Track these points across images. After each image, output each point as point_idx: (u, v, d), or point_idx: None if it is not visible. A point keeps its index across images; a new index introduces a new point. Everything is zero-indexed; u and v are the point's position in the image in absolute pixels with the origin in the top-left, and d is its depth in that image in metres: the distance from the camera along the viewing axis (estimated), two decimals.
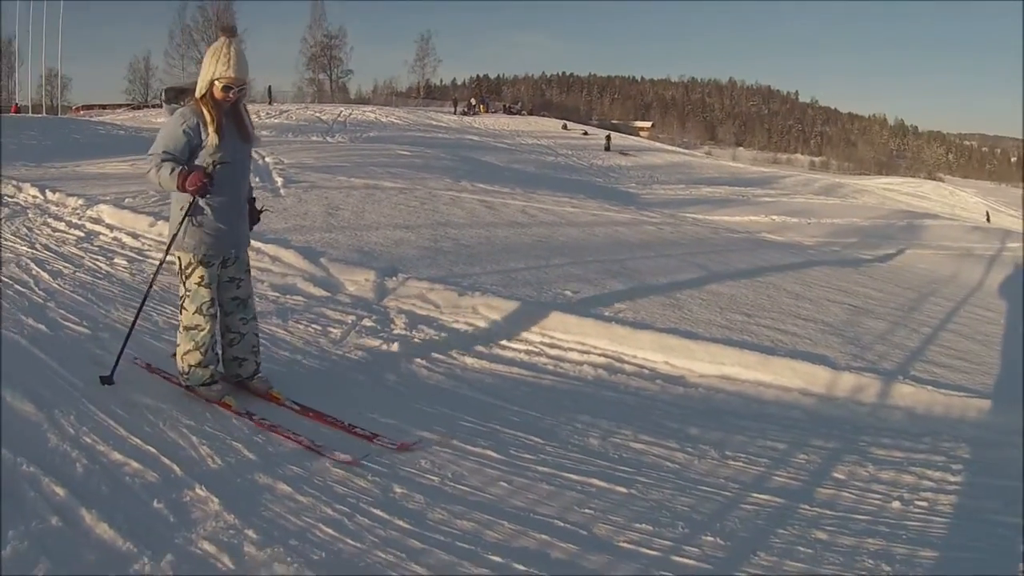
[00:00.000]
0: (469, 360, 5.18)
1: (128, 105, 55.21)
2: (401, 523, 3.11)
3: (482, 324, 5.86)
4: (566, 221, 11.14)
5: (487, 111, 63.04)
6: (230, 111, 3.97)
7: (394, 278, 6.49)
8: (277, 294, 6.21)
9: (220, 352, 4.28)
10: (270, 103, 50.22)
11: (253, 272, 4.40)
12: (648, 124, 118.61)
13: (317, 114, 42.35)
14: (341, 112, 43.86)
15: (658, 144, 71.19)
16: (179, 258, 4.04)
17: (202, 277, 4.02)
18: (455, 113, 56.83)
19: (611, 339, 5.65)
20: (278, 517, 3.07)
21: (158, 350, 4.72)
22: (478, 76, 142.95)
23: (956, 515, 3.77)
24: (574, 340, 5.66)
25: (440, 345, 5.38)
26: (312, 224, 8.62)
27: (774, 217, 22.11)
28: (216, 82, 3.85)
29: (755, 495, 3.73)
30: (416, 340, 5.43)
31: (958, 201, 57.13)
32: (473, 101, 65.66)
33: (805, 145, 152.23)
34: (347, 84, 76.68)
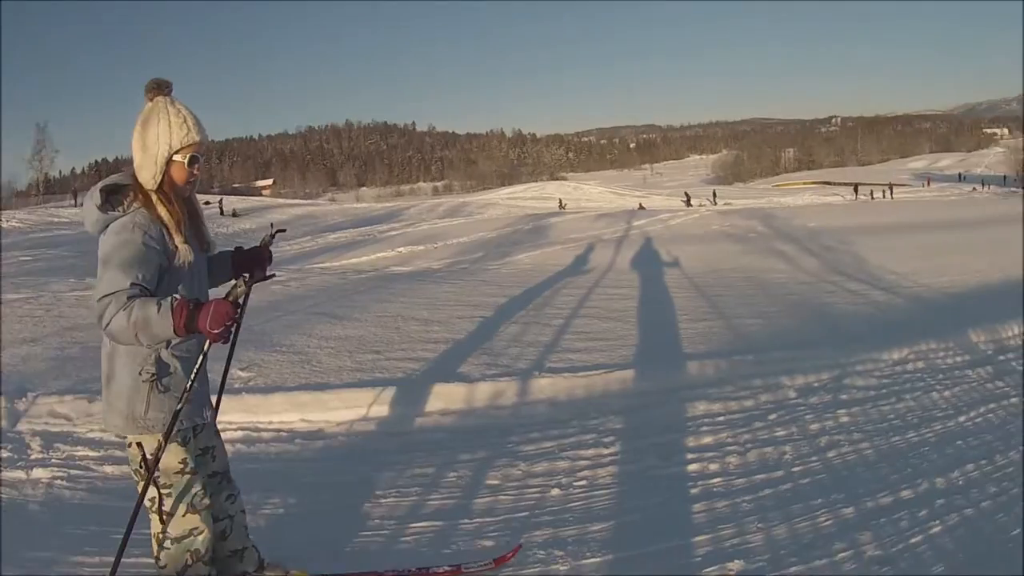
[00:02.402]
0: (108, 468, 4.91)
1: None
2: None
3: None
4: None
5: None
6: (185, 207, 2.90)
7: (23, 399, 5.99)
8: None
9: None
10: None
11: None
12: (269, 182, 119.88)
13: None
14: None
15: (281, 200, 71.48)
16: (138, 444, 2.90)
17: (184, 461, 2.94)
18: (75, 205, 52.87)
19: (244, 410, 5.66)
20: None
21: None
22: (97, 161, 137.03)
23: (619, 483, 4.27)
24: None
25: (79, 459, 5.07)
26: None
27: (400, 249, 23.29)
28: (176, 157, 2.77)
29: (412, 525, 3.90)
30: (54, 460, 5.06)
31: (582, 195, 63.29)
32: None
33: (427, 172, 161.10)
34: None
